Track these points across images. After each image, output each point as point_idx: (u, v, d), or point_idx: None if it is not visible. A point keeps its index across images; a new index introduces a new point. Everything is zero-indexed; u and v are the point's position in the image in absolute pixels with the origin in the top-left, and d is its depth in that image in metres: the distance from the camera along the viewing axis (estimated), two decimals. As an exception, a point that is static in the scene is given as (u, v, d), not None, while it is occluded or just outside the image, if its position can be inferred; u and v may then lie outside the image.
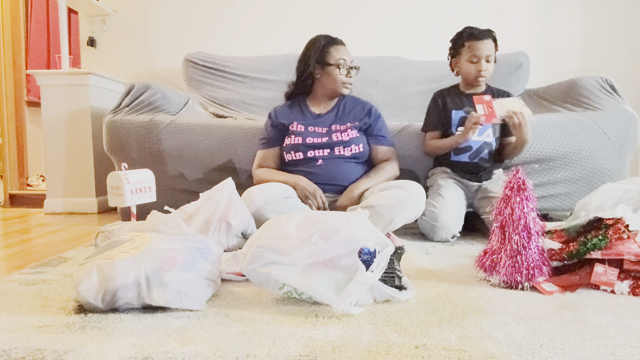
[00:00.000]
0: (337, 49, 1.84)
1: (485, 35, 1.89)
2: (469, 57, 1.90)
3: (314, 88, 1.91)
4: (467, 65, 1.92)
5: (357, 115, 1.89)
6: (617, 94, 2.19)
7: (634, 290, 1.11)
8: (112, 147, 2.21)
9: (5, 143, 3.34)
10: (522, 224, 1.16)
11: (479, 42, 1.88)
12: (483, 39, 1.88)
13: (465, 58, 1.92)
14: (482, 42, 1.88)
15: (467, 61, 1.92)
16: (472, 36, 1.90)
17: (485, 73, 1.91)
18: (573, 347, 0.81)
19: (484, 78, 1.94)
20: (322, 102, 1.92)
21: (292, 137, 1.84)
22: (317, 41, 1.87)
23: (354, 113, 1.90)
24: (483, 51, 1.88)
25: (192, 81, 2.90)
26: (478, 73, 1.90)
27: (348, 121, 1.87)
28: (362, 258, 1.04)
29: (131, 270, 0.97)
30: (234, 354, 0.79)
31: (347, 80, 1.85)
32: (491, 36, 1.90)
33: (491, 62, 1.92)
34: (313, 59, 1.84)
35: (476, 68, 1.90)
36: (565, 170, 2.05)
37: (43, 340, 0.85)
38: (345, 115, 1.89)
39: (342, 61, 1.83)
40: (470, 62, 1.91)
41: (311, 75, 1.87)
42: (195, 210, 1.55)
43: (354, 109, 1.92)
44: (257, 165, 1.93)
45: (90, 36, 3.20)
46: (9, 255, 1.62)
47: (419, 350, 0.80)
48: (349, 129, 1.84)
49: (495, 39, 1.92)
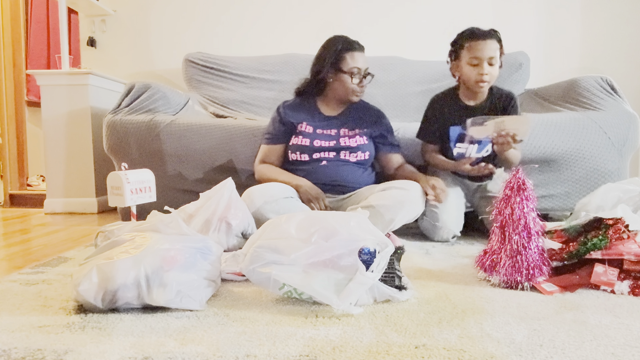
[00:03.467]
0: (352, 56, 1.79)
1: (488, 35, 1.74)
2: (469, 59, 1.74)
3: (325, 90, 1.89)
4: (467, 68, 1.76)
5: (367, 122, 1.88)
6: (617, 94, 2.19)
7: (634, 290, 1.11)
8: (112, 147, 2.21)
9: (5, 143, 3.34)
10: (522, 224, 1.16)
11: (480, 42, 1.72)
12: (485, 38, 1.73)
13: (465, 60, 1.76)
14: (484, 43, 1.72)
15: (467, 63, 1.75)
16: (473, 36, 1.75)
17: (488, 77, 1.74)
18: (573, 347, 0.81)
19: (486, 83, 1.76)
20: (332, 105, 1.91)
21: (299, 138, 1.83)
22: (334, 44, 1.82)
23: (363, 119, 1.89)
24: (485, 52, 1.71)
25: (192, 81, 2.90)
26: (479, 77, 1.73)
27: (357, 127, 1.85)
28: (362, 258, 1.04)
29: (131, 270, 0.97)
30: (234, 354, 0.79)
31: (357, 89, 1.82)
32: (495, 37, 1.75)
33: (495, 65, 1.75)
34: (328, 62, 1.81)
35: (477, 71, 1.73)
36: (565, 170, 2.05)
37: (43, 340, 0.85)
38: (355, 121, 1.88)
39: (355, 70, 1.79)
40: (471, 65, 1.74)
41: (324, 78, 1.84)
42: (195, 210, 1.55)
43: (364, 115, 1.90)
44: (259, 160, 1.92)
45: (90, 36, 3.19)
46: (9, 255, 1.62)
47: (419, 350, 0.80)
48: (357, 135, 1.83)
49: (499, 39, 1.77)
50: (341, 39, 1.84)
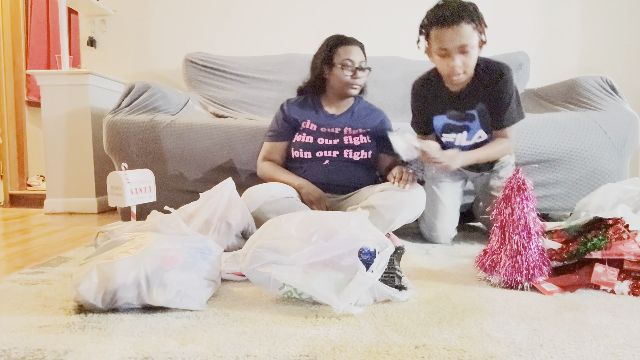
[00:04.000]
0: (345, 49, 1.80)
1: (456, 18, 1.36)
2: (437, 49, 1.43)
3: (326, 88, 1.90)
4: (437, 59, 1.46)
5: (370, 122, 1.88)
6: (617, 94, 2.19)
7: (634, 290, 1.11)
8: (112, 147, 2.21)
9: (5, 143, 3.34)
10: (522, 224, 1.16)
11: (446, 30, 1.37)
12: (452, 24, 1.37)
13: (434, 50, 1.45)
14: (451, 31, 1.37)
15: (436, 54, 1.44)
16: (437, 21, 1.40)
17: (461, 69, 1.44)
18: (573, 347, 0.81)
19: (459, 77, 1.46)
20: (335, 102, 1.91)
21: (303, 135, 1.83)
22: (327, 41, 1.85)
23: (367, 120, 1.88)
24: (454, 41, 1.37)
25: (192, 81, 2.90)
26: (451, 70, 1.44)
27: (361, 127, 1.85)
28: (362, 258, 1.04)
29: (131, 270, 0.97)
30: (234, 354, 0.79)
31: (352, 81, 1.81)
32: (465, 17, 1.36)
33: (471, 51, 1.40)
34: (320, 58, 1.84)
35: (447, 64, 1.42)
36: (566, 170, 2.05)
37: (43, 340, 0.85)
38: (359, 120, 1.88)
39: (348, 62, 1.79)
40: (440, 56, 1.44)
41: (321, 75, 1.86)
42: (195, 210, 1.55)
43: (367, 115, 1.90)
44: (262, 157, 1.92)
45: (90, 36, 3.19)
46: (9, 255, 1.62)
47: (419, 350, 0.80)
48: (361, 134, 1.83)
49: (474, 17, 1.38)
50: (335, 36, 1.87)
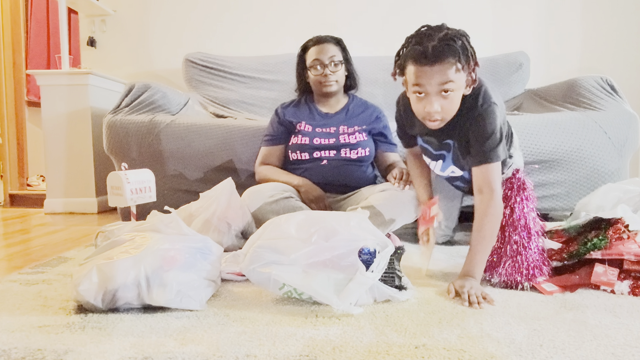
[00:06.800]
0: (313, 50, 1.83)
1: (438, 56, 1.08)
2: (412, 86, 1.15)
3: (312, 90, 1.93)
4: (412, 97, 1.19)
5: (365, 119, 1.88)
6: (617, 94, 2.19)
7: (634, 290, 1.11)
8: (112, 147, 2.21)
9: (5, 143, 3.34)
10: (522, 224, 1.16)
11: (425, 68, 1.10)
12: (433, 63, 1.09)
13: (409, 88, 1.18)
14: (430, 70, 1.10)
15: (411, 91, 1.18)
16: (413, 55, 1.12)
17: (440, 115, 1.15)
18: (573, 347, 0.81)
19: (437, 124, 1.18)
20: (326, 102, 1.91)
21: (299, 137, 1.84)
22: (302, 46, 1.90)
23: (362, 117, 1.89)
24: (433, 82, 1.11)
25: (192, 81, 2.90)
26: (426, 115, 1.16)
27: (356, 124, 1.86)
28: (362, 258, 1.04)
29: (131, 270, 0.97)
30: (234, 354, 0.79)
31: (322, 79, 1.82)
32: (449, 57, 1.08)
33: (452, 94, 1.13)
34: (298, 65, 1.90)
35: (423, 106, 1.15)
36: (566, 170, 2.05)
37: (43, 340, 0.85)
38: (354, 118, 1.88)
39: (316, 62, 1.81)
40: (415, 94, 1.16)
41: (303, 79, 1.91)
42: (195, 210, 1.55)
43: (362, 112, 1.90)
44: (260, 162, 1.92)
45: (90, 36, 3.19)
46: (9, 255, 1.62)
47: (419, 350, 0.80)
48: (356, 132, 1.83)
49: (460, 56, 1.10)
50: (308, 39, 1.89)
